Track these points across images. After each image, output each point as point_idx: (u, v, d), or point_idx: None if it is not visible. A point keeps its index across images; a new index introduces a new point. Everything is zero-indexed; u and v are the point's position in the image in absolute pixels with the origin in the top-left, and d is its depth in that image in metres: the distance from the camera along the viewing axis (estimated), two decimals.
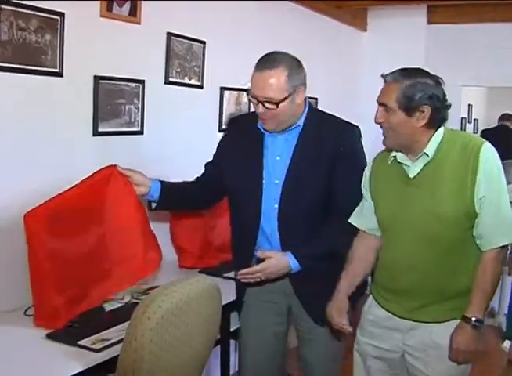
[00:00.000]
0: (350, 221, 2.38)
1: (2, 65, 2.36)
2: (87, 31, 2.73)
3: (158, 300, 1.94)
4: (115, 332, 2.25)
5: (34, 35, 2.47)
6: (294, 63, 2.31)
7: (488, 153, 2.05)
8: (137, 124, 3.09)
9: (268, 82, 2.25)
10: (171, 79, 3.30)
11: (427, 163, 2.11)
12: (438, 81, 2.08)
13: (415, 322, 2.18)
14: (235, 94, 3.87)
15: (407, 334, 2.21)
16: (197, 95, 3.53)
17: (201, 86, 3.55)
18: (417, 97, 2.03)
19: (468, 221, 2.08)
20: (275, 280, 2.43)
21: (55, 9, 2.54)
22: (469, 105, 9.40)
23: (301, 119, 2.39)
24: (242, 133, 2.50)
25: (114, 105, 2.92)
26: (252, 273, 2.34)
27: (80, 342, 2.15)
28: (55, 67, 2.59)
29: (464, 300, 2.12)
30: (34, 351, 2.12)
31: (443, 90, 2.09)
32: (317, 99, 4.54)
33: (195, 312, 2.08)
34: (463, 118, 8.81)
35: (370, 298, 2.36)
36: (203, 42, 3.50)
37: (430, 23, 5.63)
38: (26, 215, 2.20)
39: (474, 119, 10.08)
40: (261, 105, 2.29)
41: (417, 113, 2.05)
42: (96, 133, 2.84)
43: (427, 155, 2.10)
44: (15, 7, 2.37)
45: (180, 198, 2.56)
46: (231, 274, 3.00)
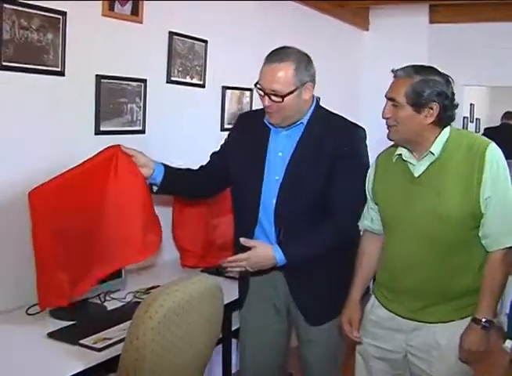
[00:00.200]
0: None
1: (4, 64, 2.36)
2: (89, 30, 2.73)
3: (160, 299, 1.94)
4: (117, 331, 2.25)
5: (36, 34, 2.46)
6: (304, 59, 2.32)
7: (493, 153, 2.04)
8: (139, 124, 3.09)
9: (275, 75, 2.27)
10: (172, 78, 3.30)
11: (432, 162, 2.11)
12: (448, 79, 2.08)
13: (418, 322, 2.17)
14: (237, 93, 3.87)
15: (410, 334, 2.20)
16: (199, 95, 3.53)
17: (203, 85, 3.55)
18: (426, 93, 2.03)
19: (473, 221, 2.07)
20: (263, 273, 2.42)
21: (58, 8, 2.54)
22: (471, 104, 9.39)
23: (306, 116, 2.39)
24: (249, 128, 2.51)
25: (116, 104, 2.92)
26: (236, 261, 2.33)
27: (81, 341, 2.15)
28: (57, 66, 2.59)
29: (468, 300, 2.12)
30: (35, 350, 2.12)
31: (452, 89, 2.09)
32: (319, 98, 4.54)
33: (197, 312, 2.08)
34: (464, 117, 8.81)
35: (373, 298, 2.36)
36: (205, 41, 3.50)
37: (432, 22, 5.63)
38: (30, 192, 2.20)
39: (476, 118, 10.07)
40: (267, 97, 2.30)
41: (426, 110, 2.05)
42: (98, 132, 2.84)
43: (433, 154, 2.09)
44: (17, 6, 2.37)
45: (182, 184, 2.57)
46: (233, 274, 3.00)
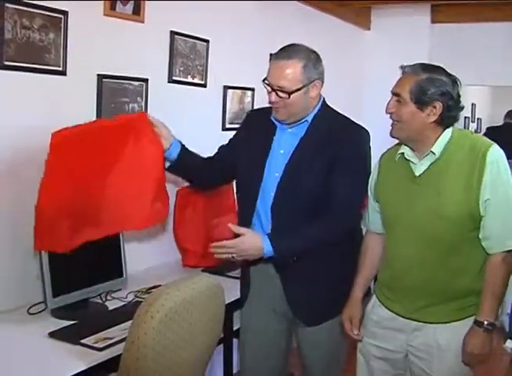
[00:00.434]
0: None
1: (6, 63, 2.36)
2: (90, 30, 2.73)
3: (161, 299, 1.94)
4: (118, 331, 2.25)
5: (38, 34, 2.46)
6: (312, 56, 2.33)
7: (495, 155, 2.04)
8: None
9: (283, 72, 2.28)
10: (174, 78, 3.30)
11: (433, 162, 2.11)
12: (455, 80, 2.08)
13: (419, 322, 2.17)
14: (238, 93, 3.87)
15: (411, 334, 2.20)
16: (201, 94, 3.53)
17: (205, 85, 3.55)
18: (431, 92, 2.03)
19: (472, 222, 2.07)
20: (252, 264, 2.43)
21: (59, 7, 2.54)
22: (472, 104, 9.39)
23: (311, 115, 2.39)
24: (257, 124, 2.53)
25: (118, 104, 2.92)
26: (224, 247, 2.32)
27: (83, 341, 2.15)
28: (59, 66, 2.58)
29: (468, 301, 2.12)
30: (36, 349, 2.12)
31: (458, 91, 2.09)
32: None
33: (198, 311, 2.08)
34: (466, 117, 8.81)
35: (374, 298, 2.36)
36: (207, 41, 3.50)
37: (433, 22, 5.62)
38: (53, 133, 2.22)
39: (478, 118, 10.08)
40: (274, 93, 2.31)
41: (429, 108, 2.05)
42: None
43: (434, 154, 2.10)
44: (19, 5, 2.37)
45: (193, 167, 2.59)
46: (234, 273, 3.00)
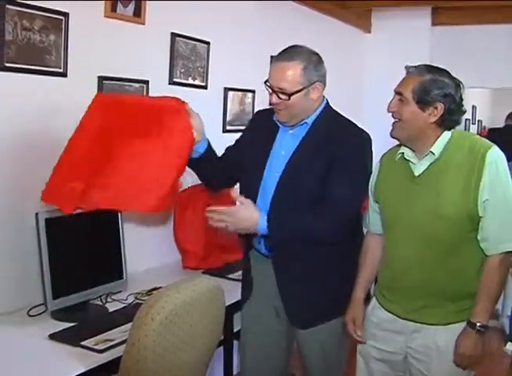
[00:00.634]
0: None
1: (7, 65, 2.36)
2: (91, 31, 2.73)
3: (161, 301, 1.93)
4: (118, 333, 2.25)
5: (39, 35, 2.47)
6: (313, 58, 2.33)
7: (494, 156, 2.04)
8: None
9: (283, 73, 2.29)
10: (175, 79, 3.30)
11: (432, 162, 2.11)
12: (458, 84, 2.09)
13: (418, 324, 2.17)
14: (239, 94, 3.87)
15: (410, 336, 2.20)
16: (201, 96, 3.53)
17: (205, 87, 3.55)
18: (433, 93, 2.04)
19: (470, 223, 2.07)
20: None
21: (60, 9, 2.54)
22: (473, 106, 9.39)
23: (312, 117, 2.39)
24: (261, 125, 2.53)
25: None
26: (220, 213, 2.31)
27: (83, 343, 2.15)
28: (60, 67, 2.59)
29: (468, 303, 2.11)
30: (36, 351, 2.12)
31: (461, 95, 2.09)
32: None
33: (198, 313, 2.07)
34: (467, 119, 8.82)
35: (373, 300, 2.36)
36: (208, 43, 3.50)
37: (434, 24, 5.62)
38: (98, 93, 2.30)
39: (478, 120, 10.08)
40: (274, 95, 2.32)
41: (430, 109, 2.06)
42: None
43: (433, 154, 2.10)
44: (19, 7, 2.37)
45: (211, 165, 2.59)
46: (235, 275, 3.00)
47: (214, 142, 2.78)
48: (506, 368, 4.31)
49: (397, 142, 2.23)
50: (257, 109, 3.76)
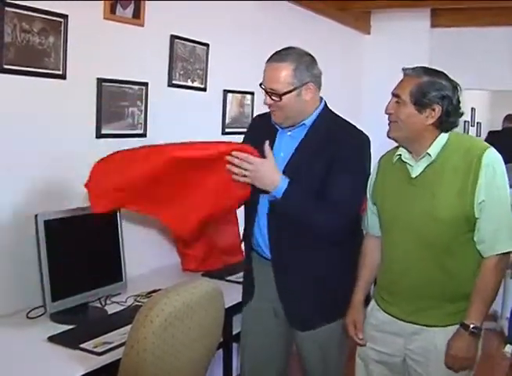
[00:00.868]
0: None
1: (6, 67, 2.36)
2: (90, 33, 2.73)
3: (161, 303, 1.93)
4: (117, 335, 2.24)
5: (38, 37, 2.46)
6: (305, 59, 2.32)
7: (491, 158, 2.04)
8: (140, 127, 3.08)
9: (274, 74, 2.29)
10: (174, 82, 3.30)
11: (429, 164, 2.11)
12: (455, 86, 2.09)
13: (417, 325, 2.16)
14: (238, 97, 3.87)
15: (409, 338, 2.19)
16: (200, 98, 3.53)
17: (204, 89, 3.55)
18: (431, 95, 2.04)
19: (467, 225, 2.07)
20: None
21: (59, 11, 2.54)
22: (472, 108, 9.40)
23: (310, 119, 2.38)
24: (260, 129, 2.52)
25: (117, 107, 2.92)
26: (243, 160, 2.28)
27: (82, 345, 2.15)
28: (59, 70, 2.58)
29: (466, 304, 2.10)
30: (35, 354, 2.12)
31: (459, 97, 2.09)
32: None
33: (198, 316, 2.07)
34: (466, 122, 8.83)
35: (372, 302, 2.36)
36: (207, 45, 3.50)
37: (433, 26, 5.63)
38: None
39: (477, 122, 10.09)
40: (268, 96, 2.33)
41: (427, 111, 2.06)
42: (99, 135, 2.84)
43: (430, 156, 2.10)
44: (19, 9, 2.37)
45: None
46: (234, 277, 3.00)
47: None
48: (505, 370, 4.30)
49: (395, 143, 2.23)
50: (256, 111, 3.78)
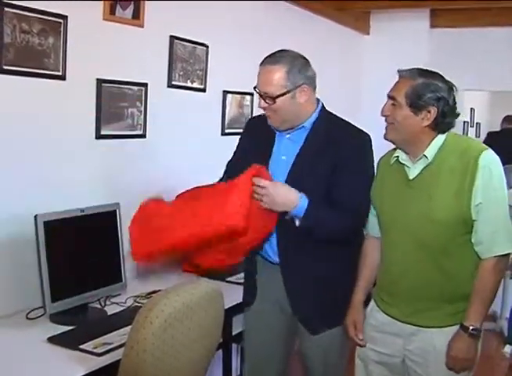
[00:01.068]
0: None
1: (5, 68, 2.36)
2: (90, 34, 2.73)
3: (161, 304, 1.93)
4: (117, 336, 2.24)
5: (37, 38, 2.46)
6: (298, 61, 2.30)
7: (488, 160, 2.03)
8: (140, 128, 3.08)
9: (267, 77, 2.28)
10: (173, 82, 3.30)
11: (426, 166, 2.11)
12: (451, 87, 2.08)
13: (416, 326, 2.16)
14: (237, 97, 3.87)
15: (408, 339, 2.19)
16: (200, 99, 3.53)
17: (204, 89, 3.55)
18: (426, 96, 2.03)
19: (464, 227, 2.07)
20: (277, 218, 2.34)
21: (59, 11, 2.54)
22: (471, 109, 9.40)
23: (308, 121, 2.37)
24: (257, 132, 2.50)
25: (117, 108, 2.92)
26: (257, 186, 2.23)
27: (82, 346, 2.15)
28: (58, 70, 2.58)
29: (464, 305, 2.10)
30: (35, 354, 2.12)
31: (454, 97, 2.09)
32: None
33: (197, 317, 2.07)
34: (465, 122, 8.82)
35: (372, 303, 2.36)
36: (206, 46, 3.50)
37: (433, 26, 5.63)
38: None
39: (477, 123, 10.08)
40: (262, 99, 2.31)
41: (423, 113, 2.05)
42: (99, 136, 2.83)
43: (427, 157, 2.10)
44: (18, 10, 2.37)
45: None
46: (234, 278, 2.99)
47: (213, 145, 2.79)
48: (504, 371, 4.30)
49: (393, 145, 2.23)
50: (255, 112, 3.77)
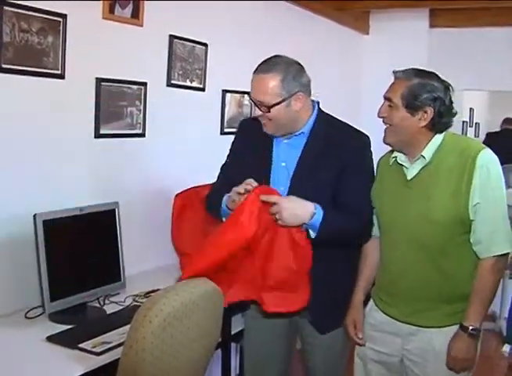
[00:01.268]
0: None
1: (4, 66, 2.35)
2: (89, 33, 2.73)
3: (160, 303, 1.92)
4: (116, 335, 2.24)
5: (36, 37, 2.46)
6: (293, 69, 2.25)
7: (485, 159, 2.03)
8: (139, 127, 3.08)
9: (261, 86, 2.23)
10: (173, 82, 3.30)
11: (424, 166, 2.11)
12: (447, 86, 2.08)
13: (414, 326, 2.17)
14: (237, 97, 3.87)
15: (406, 338, 2.20)
16: (199, 98, 3.53)
17: (203, 89, 3.55)
18: (422, 97, 2.03)
19: (462, 226, 2.07)
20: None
21: (58, 10, 2.53)
22: (470, 109, 9.39)
23: (307, 126, 2.35)
24: (252, 135, 2.44)
25: (116, 107, 2.92)
26: (270, 204, 2.19)
27: (80, 345, 2.15)
28: (57, 69, 2.58)
29: (463, 305, 2.11)
30: (34, 353, 2.12)
31: (451, 97, 2.08)
32: (318, 103, 4.54)
33: (197, 316, 2.07)
34: (464, 122, 8.82)
35: (371, 302, 2.36)
36: (206, 45, 3.50)
37: (432, 26, 5.64)
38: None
39: (476, 123, 10.08)
40: (257, 108, 2.29)
41: (420, 113, 2.05)
42: (98, 135, 2.83)
43: (424, 158, 2.10)
44: (17, 8, 2.37)
45: None
46: None
47: (212, 145, 2.79)
48: (503, 371, 4.30)
49: None
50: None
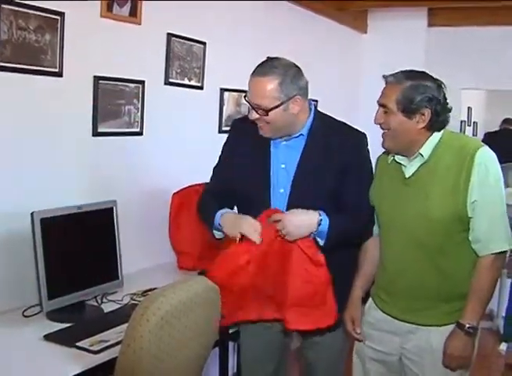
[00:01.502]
0: None
1: (2, 64, 2.35)
2: (87, 31, 2.72)
3: (157, 302, 1.92)
4: (114, 334, 2.24)
5: (34, 35, 2.46)
6: (291, 71, 2.23)
7: (483, 157, 2.03)
8: (136, 125, 3.08)
9: (259, 89, 2.21)
10: (171, 80, 3.29)
11: (422, 164, 2.11)
12: (439, 84, 2.08)
13: (413, 325, 2.17)
14: (235, 95, 3.86)
15: (405, 337, 2.20)
16: (197, 96, 3.53)
17: (201, 87, 3.55)
18: (417, 99, 2.02)
19: (460, 224, 2.07)
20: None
21: (56, 8, 2.53)
22: (468, 108, 9.39)
23: (305, 128, 2.33)
24: (248, 136, 2.39)
25: (114, 105, 2.92)
26: (274, 222, 2.20)
27: (78, 344, 2.14)
28: (55, 67, 2.58)
29: (461, 304, 2.11)
30: (31, 352, 2.11)
31: (444, 94, 2.08)
32: (317, 102, 4.56)
33: (194, 314, 2.07)
34: (462, 121, 8.82)
35: (370, 301, 2.36)
36: (204, 43, 3.50)
37: (430, 25, 5.64)
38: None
39: (474, 122, 10.08)
40: (254, 111, 2.26)
41: (417, 116, 2.05)
42: (96, 133, 2.83)
43: (422, 156, 2.10)
44: (15, 6, 2.36)
45: None
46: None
47: (210, 143, 2.78)
48: (500, 369, 4.31)
49: None
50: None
